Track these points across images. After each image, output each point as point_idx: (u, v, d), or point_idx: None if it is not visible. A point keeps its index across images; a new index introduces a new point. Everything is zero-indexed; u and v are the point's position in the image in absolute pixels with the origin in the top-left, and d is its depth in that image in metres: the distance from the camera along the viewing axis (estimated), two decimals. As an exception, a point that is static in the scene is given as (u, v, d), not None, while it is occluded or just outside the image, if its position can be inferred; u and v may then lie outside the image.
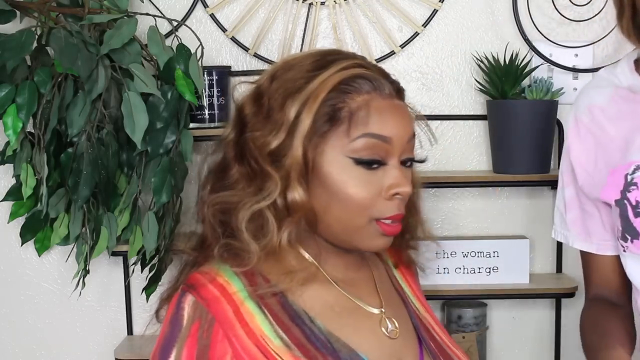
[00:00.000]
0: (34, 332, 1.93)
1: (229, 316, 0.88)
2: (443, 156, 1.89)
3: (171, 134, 1.62)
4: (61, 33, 1.52)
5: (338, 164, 0.89)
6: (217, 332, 0.87)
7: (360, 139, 0.89)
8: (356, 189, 0.89)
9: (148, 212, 1.64)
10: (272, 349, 0.87)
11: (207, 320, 0.88)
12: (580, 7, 1.82)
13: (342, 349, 0.90)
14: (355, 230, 0.91)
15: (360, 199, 0.89)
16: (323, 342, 0.89)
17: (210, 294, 0.89)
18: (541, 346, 1.93)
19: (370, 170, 0.89)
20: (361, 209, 0.89)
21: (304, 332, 0.89)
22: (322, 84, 0.89)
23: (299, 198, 0.89)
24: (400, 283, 1.06)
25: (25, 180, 1.61)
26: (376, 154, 0.90)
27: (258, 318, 0.89)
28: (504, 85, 1.75)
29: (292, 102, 0.90)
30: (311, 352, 0.88)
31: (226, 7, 1.85)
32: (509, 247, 1.80)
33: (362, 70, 0.92)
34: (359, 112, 0.89)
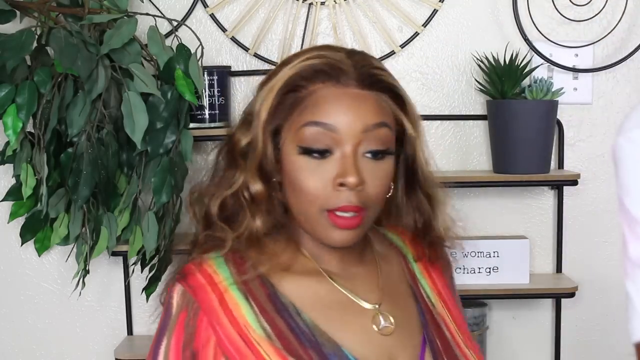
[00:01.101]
0: (34, 332, 1.93)
1: (213, 304, 0.90)
2: (443, 156, 1.89)
3: (171, 134, 1.62)
4: (61, 33, 1.52)
5: (291, 154, 0.90)
6: (201, 320, 0.89)
7: (305, 127, 0.89)
8: (305, 178, 0.89)
9: (148, 212, 1.64)
10: (254, 338, 0.88)
11: (193, 308, 0.90)
12: (580, 7, 1.82)
13: (325, 343, 0.90)
14: (311, 222, 0.91)
15: (308, 189, 0.89)
16: (307, 335, 0.90)
17: (197, 282, 0.91)
18: (541, 346, 1.93)
19: (318, 159, 0.89)
20: (311, 199, 0.89)
21: (288, 323, 0.90)
22: (282, 76, 0.92)
23: (255, 190, 0.92)
24: (418, 278, 1.04)
25: (25, 180, 1.61)
26: (322, 143, 0.89)
27: (243, 307, 0.90)
28: (504, 85, 1.75)
29: (259, 97, 0.93)
30: (293, 345, 0.89)
31: (226, 7, 1.85)
32: (509, 247, 1.80)
33: (318, 60, 0.92)
34: (307, 101, 0.90)
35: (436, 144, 1.89)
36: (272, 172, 0.93)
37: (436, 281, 1.06)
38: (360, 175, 0.88)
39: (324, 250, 0.96)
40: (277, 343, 0.88)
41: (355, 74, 0.92)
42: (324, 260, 0.96)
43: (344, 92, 0.90)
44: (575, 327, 1.93)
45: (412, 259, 1.06)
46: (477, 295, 1.80)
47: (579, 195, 1.90)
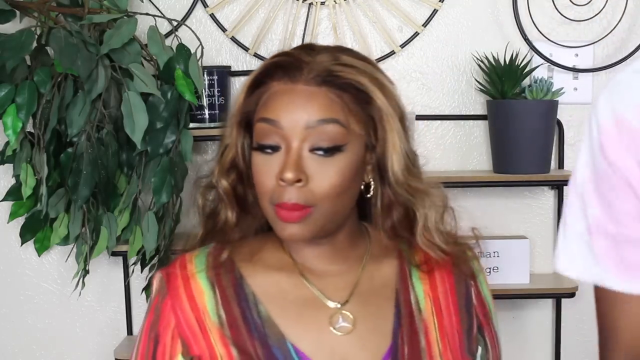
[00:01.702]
0: (34, 332, 1.93)
1: (179, 291, 0.96)
2: (443, 156, 1.89)
3: (171, 134, 1.62)
4: (61, 33, 1.52)
5: (251, 150, 0.95)
6: (166, 304, 0.96)
7: (257, 123, 0.93)
8: (257, 173, 0.93)
9: (148, 212, 1.64)
10: (208, 324, 0.94)
11: (162, 294, 0.97)
12: (580, 7, 1.82)
13: (272, 335, 0.93)
14: (266, 216, 0.95)
15: (259, 184, 0.92)
16: (257, 325, 0.93)
17: (173, 271, 0.98)
18: (541, 346, 1.93)
19: (269, 155, 0.91)
20: (262, 193, 0.92)
21: (244, 313, 0.94)
22: (252, 74, 0.96)
23: (222, 186, 0.97)
24: (411, 282, 1.01)
25: (25, 180, 1.61)
26: (271, 139, 0.91)
27: (206, 295, 0.95)
28: (504, 85, 1.75)
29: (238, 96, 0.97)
30: (242, 334, 0.93)
31: (226, 7, 1.85)
32: (509, 247, 1.80)
33: (281, 58, 0.94)
34: (260, 100, 0.94)
35: (436, 144, 1.89)
36: (245, 168, 0.97)
37: (437, 286, 1.02)
38: (299, 171, 0.89)
39: (300, 246, 0.98)
40: (226, 331, 0.93)
41: (309, 71, 0.91)
42: (300, 256, 0.99)
43: (292, 89, 0.91)
44: (575, 327, 1.93)
45: (412, 263, 1.02)
46: (477, 295, 1.80)
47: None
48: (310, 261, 0.98)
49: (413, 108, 1.87)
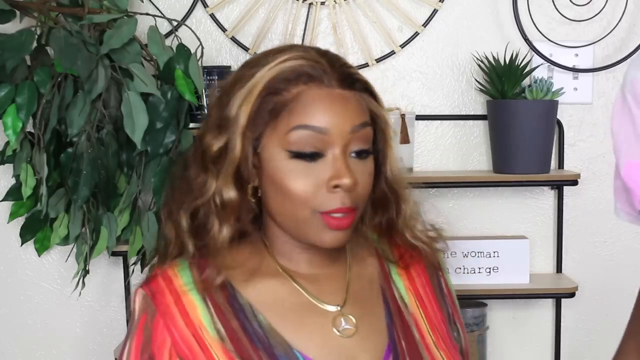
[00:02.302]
0: (34, 332, 1.93)
1: (170, 307, 0.92)
2: (443, 156, 1.89)
3: (171, 133, 1.62)
4: (61, 33, 1.52)
5: (277, 158, 0.89)
6: (157, 322, 0.91)
7: (294, 131, 0.88)
8: (295, 182, 0.89)
9: (148, 212, 1.64)
10: (207, 340, 0.90)
11: (150, 312, 0.92)
12: (580, 7, 1.82)
13: (277, 345, 0.90)
14: (302, 225, 0.91)
15: (299, 192, 0.89)
16: (260, 336, 0.91)
17: (158, 286, 0.94)
18: (541, 346, 1.93)
19: (308, 162, 0.89)
20: (302, 202, 0.89)
21: (243, 325, 0.91)
22: (260, 79, 0.90)
23: (231, 197, 0.91)
24: (392, 279, 1.04)
25: (25, 180, 1.61)
26: (312, 146, 0.89)
27: (200, 309, 0.91)
28: (504, 85, 1.75)
29: (234, 100, 0.91)
30: (244, 347, 0.90)
31: (226, 7, 1.85)
32: (509, 247, 1.80)
33: (299, 61, 0.91)
34: (292, 104, 0.89)
35: (436, 144, 1.89)
36: (250, 177, 0.92)
37: (415, 280, 1.05)
38: (354, 176, 0.89)
39: (294, 252, 0.96)
40: (228, 345, 0.89)
41: (335, 74, 0.91)
42: (293, 262, 0.97)
43: (329, 94, 0.90)
44: (575, 327, 1.93)
45: (390, 260, 1.05)
46: (477, 295, 1.80)
47: (579, 195, 1.90)
48: (302, 266, 0.97)
49: (413, 108, 1.87)
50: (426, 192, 1.90)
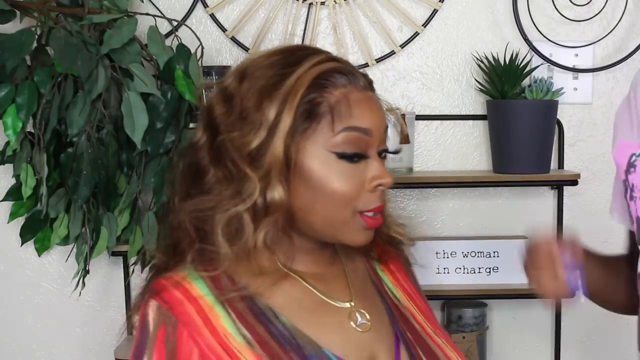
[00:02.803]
0: (34, 332, 1.93)
1: (192, 317, 0.89)
2: (443, 156, 1.89)
3: (171, 133, 1.62)
4: (61, 33, 1.52)
5: (320, 160, 0.89)
6: (181, 333, 0.88)
7: (342, 132, 0.89)
8: (340, 183, 0.89)
9: (148, 212, 1.64)
10: (234, 346, 0.88)
11: (171, 323, 0.89)
12: (580, 7, 1.82)
13: (306, 345, 0.90)
14: (340, 225, 0.91)
15: (344, 193, 0.89)
16: (287, 338, 0.90)
17: (174, 297, 0.90)
18: (541, 346, 1.93)
19: (352, 163, 0.90)
20: (346, 202, 0.90)
21: (268, 329, 0.90)
22: (299, 80, 0.89)
23: (278, 197, 0.88)
24: (380, 275, 1.06)
25: (25, 180, 1.61)
26: (358, 147, 0.90)
27: (222, 316, 0.89)
28: (504, 85, 1.75)
29: (270, 100, 0.89)
30: (274, 350, 0.88)
31: (226, 7, 1.85)
32: (509, 247, 1.80)
33: (336, 64, 0.92)
34: (338, 106, 0.89)
35: (436, 143, 1.89)
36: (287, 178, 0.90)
37: (397, 275, 1.08)
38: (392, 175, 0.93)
39: (300, 253, 0.96)
40: (258, 349, 0.88)
41: (361, 77, 0.93)
42: (299, 263, 0.96)
43: (367, 95, 0.92)
44: (575, 327, 1.93)
45: (375, 258, 1.07)
46: (477, 295, 1.80)
47: (579, 195, 1.90)
48: (308, 266, 0.97)
49: (413, 108, 1.87)
50: (426, 192, 1.90)
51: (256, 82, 0.90)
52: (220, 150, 0.91)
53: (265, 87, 0.90)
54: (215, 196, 0.91)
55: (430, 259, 1.79)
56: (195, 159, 0.94)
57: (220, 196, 0.90)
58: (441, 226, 1.90)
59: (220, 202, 0.90)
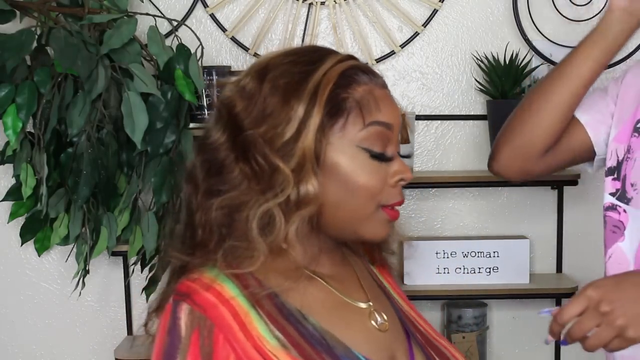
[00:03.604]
0: (34, 332, 1.93)
1: (227, 320, 0.87)
2: (443, 156, 1.89)
3: (171, 133, 1.62)
4: (61, 33, 1.52)
5: (347, 154, 0.89)
6: (217, 337, 0.86)
7: (369, 127, 0.90)
8: (367, 177, 0.90)
9: (148, 212, 1.64)
10: (269, 350, 0.86)
11: (205, 327, 0.86)
12: (580, 7, 1.82)
13: (336, 346, 0.89)
14: (364, 219, 0.91)
15: (371, 187, 0.90)
16: (318, 339, 0.89)
17: (206, 300, 0.88)
18: (541, 346, 1.93)
19: (376, 158, 0.90)
20: (371, 196, 0.90)
21: (299, 330, 0.89)
22: (326, 76, 0.89)
23: (312, 190, 0.88)
24: (379, 278, 1.07)
25: (25, 180, 1.61)
26: (382, 142, 0.91)
27: (254, 319, 0.87)
28: (504, 85, 1.75)
29: (298, 96, 0.89)
30: (307, 351, 0.87)
31: (226, 7, 1.85)
32: (509, 247, 1.80)
33: (356, 62, 0.93)
34: (364, 101, 0.90)
35: (436, 144, 1.89)
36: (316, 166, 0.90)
37: (390, 281, 1.09)
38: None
39: (322, 252, 0.95)
40: (292, 351, 0.86)
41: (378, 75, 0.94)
42: (318, 263, 0.95)
43: (386, 93, 0.94)
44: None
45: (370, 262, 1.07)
46: (477, 295, 1.80)
47: (579, 195, 1.90)
48: (325, 267, 0.96)
49: (413, 108, 1.87)
50: (426, 192, 1.90)
51: (279, 79, 0.90)
52: (246, 146, 0.90)
53: (290, 84, 0.90)
54: (245, 192, 0.90)
55: (430, 259, 1.79)
56: (215, 157, 0.92)
57: (251, 192, 0.89)
58: (441, 226, 1.90)
59: (251, 198, 0.89)
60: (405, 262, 1.80)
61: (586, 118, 1.25)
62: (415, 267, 1.80)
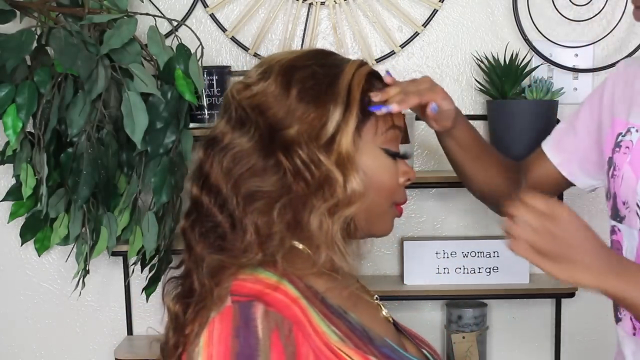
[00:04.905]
0: (34, 332, 1.93)
1: (301, 319, 0.87)
2: (443, 156, 1.88)
3: (171, 133, 1.62)
4: (61, 33, 1.52)
5: (371, 155, 0.94)
6: (297, 336, 0.86)
7: (390, 130, 0.96)
8: (389, 175, 0.96)
9: (148, 212, 1.64)
10: (334, 344, 0.87)
11: (284, 327, 0.85)
12: (580, 7, 1.82)
13: (375, 337, 0.92)
14: (379, 216, 0.96)
15: (391, 186, 0.96)
16: (361, 332, 0.91)
17: (279, 300, 0.87)
18: (541, 346, 1.93)
19: (393, 158, 0.96)
20: (390, 195, 0.96)
21: (346, 324, 0.91)
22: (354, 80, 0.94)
23: (357, 187, 0.91)
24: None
25: (25, 180, 1.61)
26: (396, 143, 0.98)
27: (315, 317, 0.88)
28: (504, 85, 1.75)
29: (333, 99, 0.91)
30: (358, 343, 0.90)
31: (226, 7, 1.85)
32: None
33: (371, 67, 0.99)
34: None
35: (436, 144, 1.88)
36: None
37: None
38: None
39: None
40: (349, 344, 0.88)
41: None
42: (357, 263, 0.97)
43: None
44: (575, 327, 1.93)
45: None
46: (477, 295, 1.80)
47: (579, 195, 1.90)
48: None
49: (413, 108, 1.87)
50: (426, 192, 1.90)
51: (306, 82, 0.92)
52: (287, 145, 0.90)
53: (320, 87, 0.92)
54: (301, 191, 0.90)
55: (430, 259, 1.79)
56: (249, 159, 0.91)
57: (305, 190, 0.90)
58: (441, 226, 1.90)
59: (308, 197, 0.90)
60: (405, 262, 1.80)
61: (558, 160, 1.31)
62: (415, 267, 1.80)
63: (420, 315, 1.92)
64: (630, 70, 1.23)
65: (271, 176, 0.90)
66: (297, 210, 0.90)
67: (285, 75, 0.93)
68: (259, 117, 0.92)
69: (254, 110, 0.92)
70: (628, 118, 1.17)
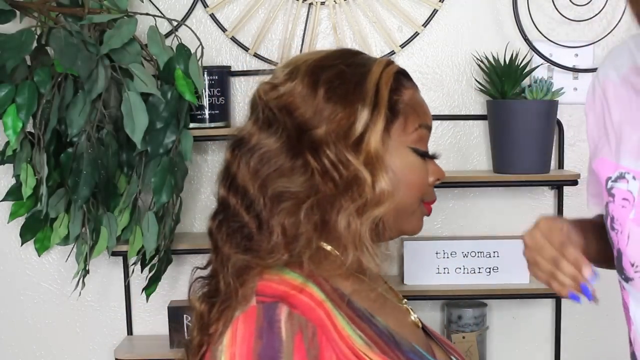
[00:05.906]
0: (34, 332, 1.93)
1: (325, 322, 0.86)
2: (443, 156, 1.88)
3: (171, 133, 1.62)
4: (61, 33, 1.52)
5: (400, 154, 0.93)
6: (321, 339, 0.85)
7: (419, 130, 0.95)
8: (418, 174, 0.96)
9: (148, 212, 1.64)
10: (359, 348, 0.86)
11: (308, 329, 0.84)
12: (580, 7, 1.82)
13: (402, 342, 0.91)
14: (409, 214, 0.96)
15: (421, 185, 0.96)
16: (388, 336, 0.90)
17: (303, 303, 0.86)
18: (541, 346, 1.93)
19: (422, 158, 0.96)
20: (419, 193, 0.96)
21: (373, 328, 0.89)
22: (382, 79, 0.93)
23: (386, 187, 0.90)
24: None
25: (25, 180, 1.62)
26: (425, 143, 0.98)
27: (341, 320, 0.87)
28: (504, 85, 1.75)
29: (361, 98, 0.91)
30: (384, 348, 0.88)
31: (226, 7, 1.85)
32: (509, 247, 1.80)
33: (398, 66, 0.98)
34: (411, 104, 0.95)
35: (436, 144, 1.89)
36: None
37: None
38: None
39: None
40: (375, 349, 0.87)
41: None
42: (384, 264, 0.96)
43: (422, 96, 1.00)
44: (575, 327, 1.93)
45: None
46: (477, 295, 1.80)
47: (579, 195, 1.89)
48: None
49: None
50: (426, 192, 1.90)
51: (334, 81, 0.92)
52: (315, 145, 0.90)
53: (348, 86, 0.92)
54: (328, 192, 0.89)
55: (430, 259, 1.79)
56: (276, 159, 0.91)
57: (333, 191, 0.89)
58: (441, 226, 1.90)
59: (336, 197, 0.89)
60: (405, 262, 1.80)
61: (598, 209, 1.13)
62: (415, 267, 1.80)
63: (420, 315, 1.89)
64: (597, 95, 1.15)
65: (299, 177, 0.89)
66: (324, 211, 0.89)
67: (312, 75, 0.92)
68: (286, 117, 0.91)
69: (281, 110, 0.91)
70: (618, 160, 1.02)
